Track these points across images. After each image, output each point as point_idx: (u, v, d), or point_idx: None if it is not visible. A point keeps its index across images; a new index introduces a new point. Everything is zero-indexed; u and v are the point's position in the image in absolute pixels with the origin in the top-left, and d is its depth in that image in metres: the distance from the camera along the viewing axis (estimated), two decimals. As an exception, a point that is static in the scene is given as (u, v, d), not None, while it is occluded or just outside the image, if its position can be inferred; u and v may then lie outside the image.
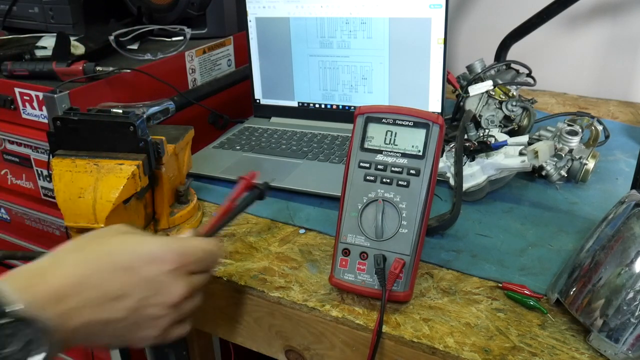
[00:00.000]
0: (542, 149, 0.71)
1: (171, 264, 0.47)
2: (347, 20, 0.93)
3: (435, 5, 0.87)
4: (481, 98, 0.86)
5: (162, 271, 0.47)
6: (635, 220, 0.53)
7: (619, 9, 1.12)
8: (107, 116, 0.63)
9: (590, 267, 0.54)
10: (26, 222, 1.01)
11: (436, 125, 0.56)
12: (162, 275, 0.47)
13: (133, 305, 0.45)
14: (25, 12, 1.10)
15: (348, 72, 0.96)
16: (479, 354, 0.51)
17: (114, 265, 0.45)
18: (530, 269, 0.62)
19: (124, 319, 0.45)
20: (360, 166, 0.58)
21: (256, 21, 1.00)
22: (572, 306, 0.54)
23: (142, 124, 0.63)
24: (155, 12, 1.07)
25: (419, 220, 0.55)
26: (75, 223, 0.59)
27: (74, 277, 0.43)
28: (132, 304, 0.45)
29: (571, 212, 0.74)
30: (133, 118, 0.62)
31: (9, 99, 0.85)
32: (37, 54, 0.91)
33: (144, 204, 0.67)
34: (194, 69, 1.03)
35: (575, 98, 1.18)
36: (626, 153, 0.90)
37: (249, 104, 1.06)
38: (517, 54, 1.08)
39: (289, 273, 0.63)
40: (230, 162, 0.88)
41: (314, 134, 0.95)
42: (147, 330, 0.47)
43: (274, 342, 0.63)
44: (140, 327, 0.46)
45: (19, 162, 0.93)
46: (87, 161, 0.61)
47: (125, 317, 0.45)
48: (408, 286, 0.55)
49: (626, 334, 0.49)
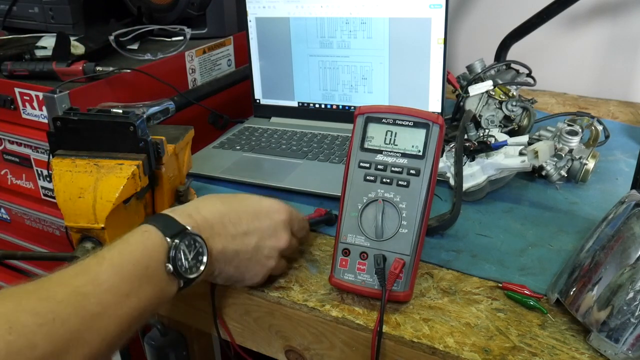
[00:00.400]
0: (542, 149, 0.71)
1: (285, 215, 0.60)
2: (347, 20, 0.93)
3: (435, 5, 0.87)
4: (481, 98, 0.86)
5: (278, 220, 0.59)
6: (635, 220, 0.53)
7: (619, 9, 1.12)
8: (107, 116, 0.63)
9: (590, 267, 0.54)
10: (26, 222, 1.01)
11: (436, 125, 0.56)
12: (278, 223, 0.59)
13: (256, 242, 0.57)
14: (25, 12, 1.10)
15: (348, 72, 0.96)
16: (479, 354, 0.51)
17: (245, 208, 0.58)
18: (530, 269, 0.62)
19: (247, 252, 0.57)
20: (360, 166, 0.58)
21: (256, 21, 1.00)
22: (572, 306, 0.54)
23: (142, 124, 0.63)
24: (155, 12, 1.07)
25: (419, 220, 0.55)
26: (75, 223, 0.59)
27: (218, 213, 0.56)
28: (255, 240, 0.57)
29: (571, 212, 0.74)
30: (133, 118, 0.62)
31: (9, 99, 0.85)
32: (37, 54, 0.91)
33: (144, 204, 0.67)
34: (194, 69, 1.03)
35: (575, 98, 1.18)
36: (626, 153, 0.90)
37: (249, 104, 1.06)
38: (517, 54, 1.08)
39: (289, 273, 0.63)
40: (230, 162, 0.88)
41: (314, 134, 0.95)
42: (258, 267, 0.58)
43: (274, 342, 0.63)
44: (256, 263, 0.58)
45: (19, 162, 0.93)
46: (87, 161, 0.61)
47: (249, 251, 0.57)
48: (408, 286, 0.55)
49: (626, 334, 0.49)
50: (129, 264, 0.47)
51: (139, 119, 0.63)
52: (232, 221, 0.56)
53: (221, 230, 0.55)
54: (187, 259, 0.51)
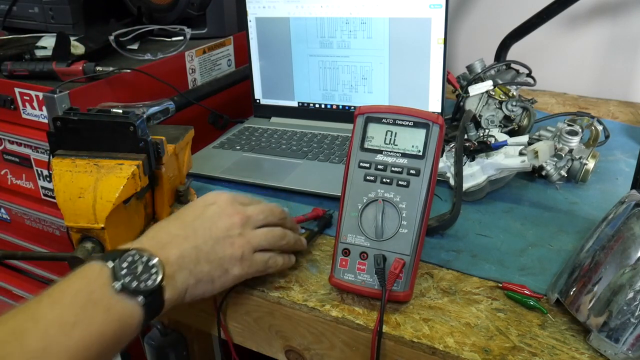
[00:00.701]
0: (542, 149, 0.71)
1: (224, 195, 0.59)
2: (347, 20, 0.93)
3: (435, 5, 0.87)
4: (481, 98, 0.86)
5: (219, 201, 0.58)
6: (635, 220, 0.53)
7: (619, 9, 1.12)
8: (107, 116, 0.63)
9: (590, 267, 0.54)
10: (26, 222, 1.01)
11: (436, 125, 0.56)
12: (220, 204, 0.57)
13: (209, 227, 0.55)
14: (25, 12, 1.10)
15: (348, 72, 0.97)
16: (479, 354, 0.51)
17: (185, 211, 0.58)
18: (530, 269, 0.62)
19: (207, 241, 0.54)
20: (360, 166, 0.58)
21: (256, 21, 1.00)
22: (572, 306, 0.54)
23: (142, 124, 0.63)
24: (155, 12, 1.07)
25: (419, 220, 0.55)
26: (75, 223, 0.59)
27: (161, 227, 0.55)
28: (208, 226, 0.55)
29: (571, 212, 0.74)
30: (133, 118, 0.62)
31: (9, 99, 0.85)
32: (37, 54, 0.91)
33: (144, 204, 0.67)
34: (194, 69, 1.03)
35: (575, 98, 1.18)
36: (626, 153, 0.90)
37: (249, 104, 1.06)
38: (517, 54, 1.08)
39: (289, 273, 0.63)
40: (230, 162, 0.88)
41: (314, 134, 0.95)
42: (229, 248, 0.55)
43: (274, 342, 0.63)
44: (224, 245, 0.55)
45: (19, 162, 0.93)
46: (87, 161, 0.61)
47: (208, 240, 0.54)
48: (408, 286, 0.55)
49: (626, 334, 0.49)
50: (70, 295, 0.45)
51: (139, 119, 0.63)
52: (178, 226, 0.55)
53: (169, 238, 0.53)
54: (134, 272, 0.48)
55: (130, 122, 0.62)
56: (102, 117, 0.63)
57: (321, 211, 0.72)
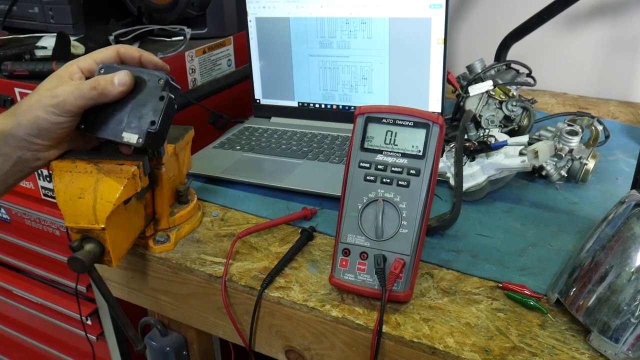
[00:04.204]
0: (542, 149, 0.71)
1: None
2: (347, 20, 0.93)
3: (435, 5, 0.87)
4: (481, 98, 0.86)
5: None
6: (635, 220, 0.53)
7: (619, 9, 1.12)
8: None
9: (590, 267, 0.54)
10: (26, 222, 1.01)
11: (436, 125, 0.56)
12: None
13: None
14: (25, 12, 1.10)
15: (348, 72, 0.97)
16: (479, 354, 0.51)
17: None
18: (530, 269, 0.62)
19: None
20: (361, 166, 0.58)
21: (256, 21, 1.00)
22: (572, 306, 0.54)
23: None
24: (155, 12, 1.07)
25: (419, 220, 0.55)
26: (75, 224, 0.59)
27: None
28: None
29: (571, 212, 0.74)
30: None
31: (9, 99, 0.85)
32: (37, 54, 0.91)
33: (144, 204, 0.67)
34: (194, 69, 1.03)
35: (575, 98, 1.18)
36: (626, 153, 0.90)
37: (249, 104, 1.06)
38: (517, 54, 1.08)
39: (289, 273, 0.63)
40: (230, 162, 0.88)
41: (314, 134, 0.95)
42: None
43: (274, 342, 0.63)
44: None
45: (19, 162, 0.92)
46: (87, 161, 0.61)
47: None
48: (408, 286, 0.55)
49: (626, 334, 0.49)
50: None
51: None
52: None
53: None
54: None
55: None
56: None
57: (309, 211, 0.73)
